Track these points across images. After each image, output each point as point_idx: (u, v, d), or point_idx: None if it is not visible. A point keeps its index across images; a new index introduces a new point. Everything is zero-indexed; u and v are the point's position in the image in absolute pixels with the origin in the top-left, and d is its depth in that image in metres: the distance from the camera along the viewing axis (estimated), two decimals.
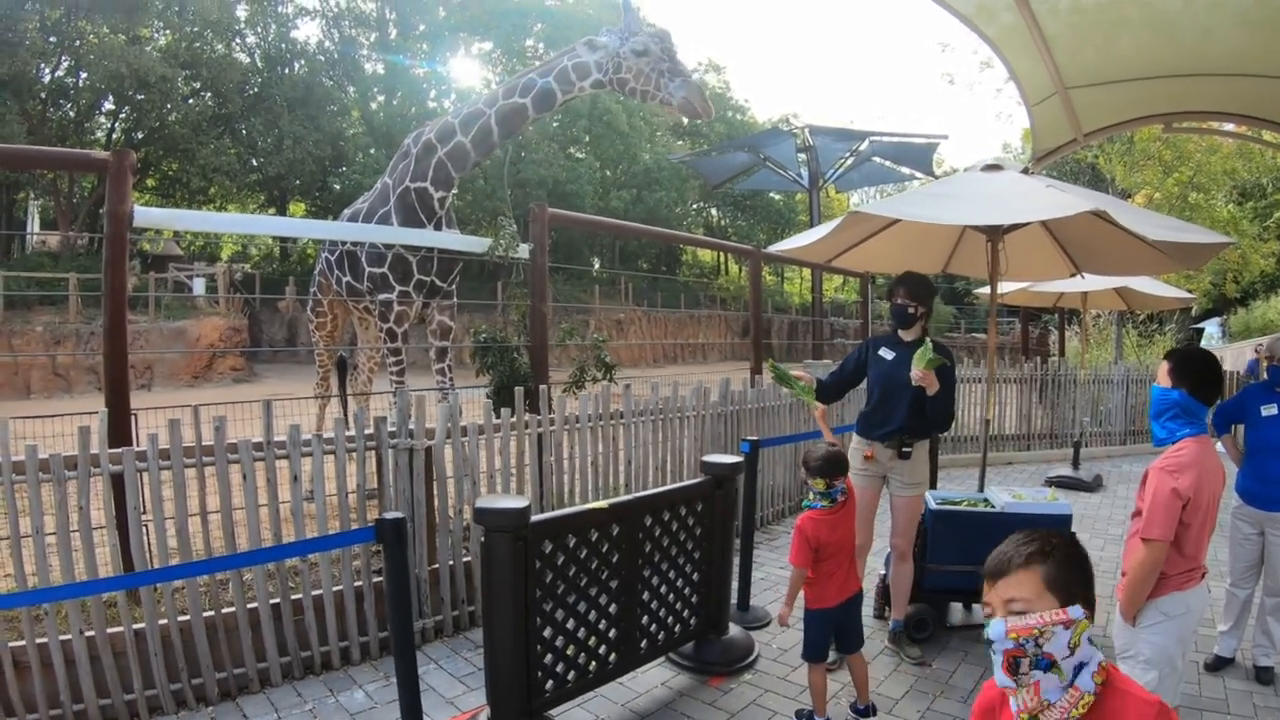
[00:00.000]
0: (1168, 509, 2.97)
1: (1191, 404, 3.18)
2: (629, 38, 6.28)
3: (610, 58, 6.31)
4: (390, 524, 3.44)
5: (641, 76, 6.29)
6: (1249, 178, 22.77)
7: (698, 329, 39.80)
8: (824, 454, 3.92)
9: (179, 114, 33.37)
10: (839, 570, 3.91)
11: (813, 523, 3.82)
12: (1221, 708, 4.27)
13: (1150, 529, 2.98)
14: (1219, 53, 5.18)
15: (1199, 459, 3.07)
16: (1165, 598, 3.07)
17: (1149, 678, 3.03)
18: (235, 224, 8.12)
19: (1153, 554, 2.98)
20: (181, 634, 4.04)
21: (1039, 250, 6.32)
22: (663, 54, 6.29)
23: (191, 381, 24.29)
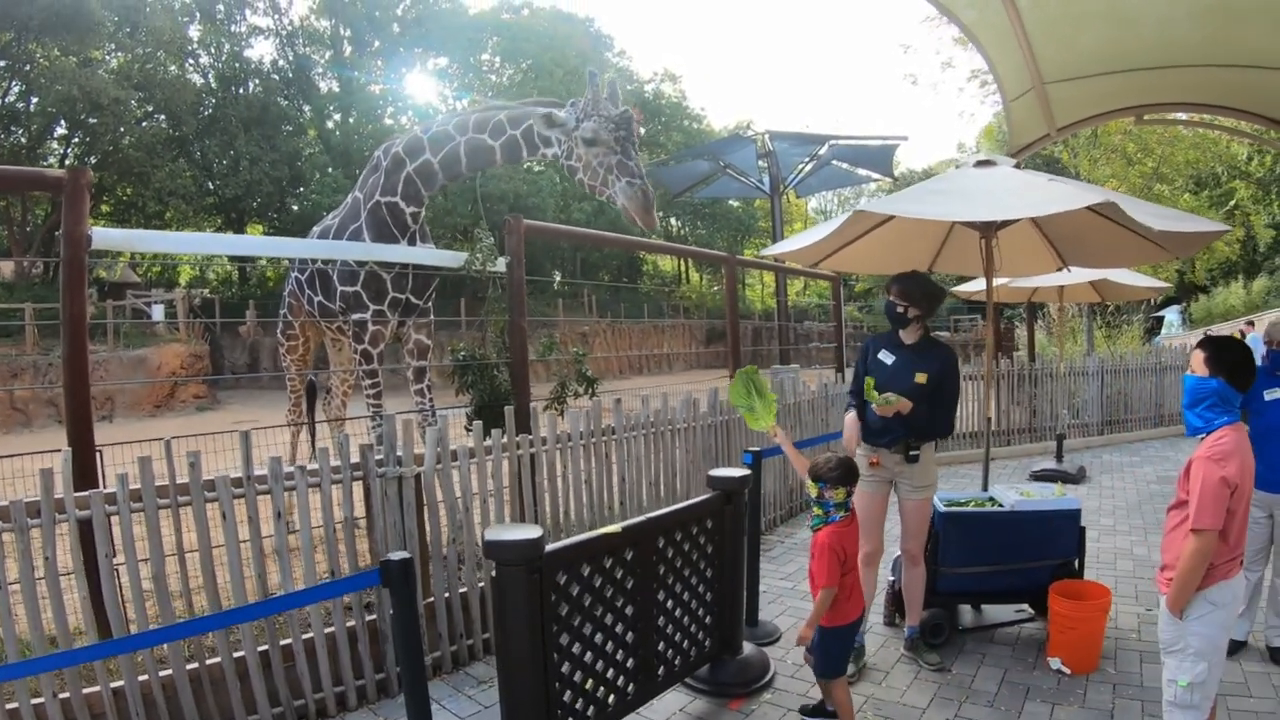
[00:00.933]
0: (1217, 498, 2.94)
1: (1229, 392, 3.16)
2: (581, 119, 5.81)
3: (565, 138, 5.89)
4: (396, 565, 3.21)
5: (589, 169, 5.83)
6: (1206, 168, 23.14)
7: (662, 339, 39.76)
8: (838, 462, 3.78)
9: (133, 137, 32.75)
10: (856, 583, 3.81)
11: (838, 536, 3.69)
12: (1242, 690, 4.26)
13: (1201, 518, 2.95)
14: (1181, 44, 5.24)
15: (1240, 446, 3.06)
16: (1213, 588, 3.06)
17: (1199, 669, 3.05)
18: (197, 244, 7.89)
19: (1204, 543, 2.96)
20: (164, 690, 3.78)
21: (1027, 245, 6.25)
22: (614, 144, 5.77)
23: (154, 411, 23.73)
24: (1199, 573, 3.00)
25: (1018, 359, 13.05)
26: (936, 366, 4.50)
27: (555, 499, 5.43)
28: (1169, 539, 3.23)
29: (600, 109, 5.72)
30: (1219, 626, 3.08)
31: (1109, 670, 4.57)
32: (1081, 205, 4.25)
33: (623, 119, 5.74)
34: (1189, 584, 3.02)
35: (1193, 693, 3.08)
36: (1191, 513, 3.00)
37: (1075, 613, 4.57)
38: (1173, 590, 3.08)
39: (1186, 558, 3.00)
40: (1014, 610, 5.38)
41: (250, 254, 11.51)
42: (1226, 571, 3.07)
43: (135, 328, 26.43)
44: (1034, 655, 4.81)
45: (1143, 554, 6.70)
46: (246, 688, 4.00)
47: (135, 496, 3.73)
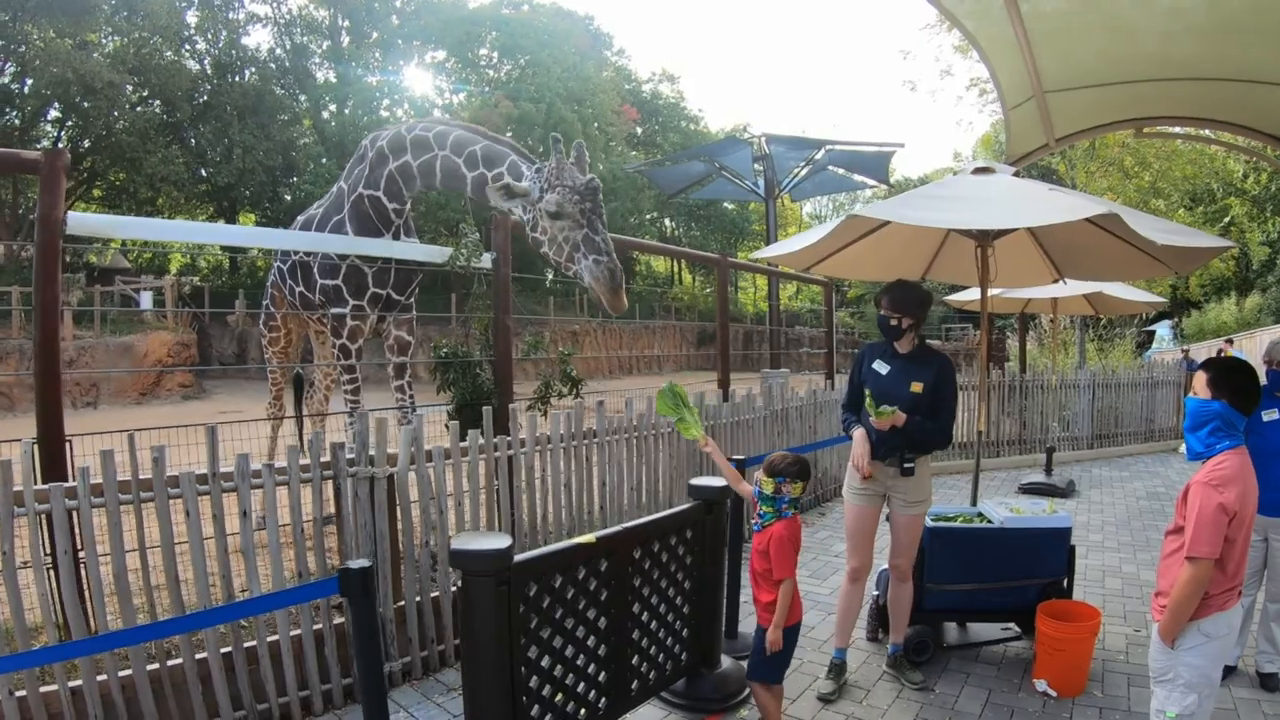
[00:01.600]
0: (1215, 525, 2.84)
1: (1232, 415, 3.05)
2: (545, 189, 5.33)
3: (530, 206, 5.44)
4: (356, 575, 3.06)
5: (554, 244, 5.40)
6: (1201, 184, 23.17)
7: (653, 340, 39.67)
8: (795, 458, 3.80)
9: (126, 121, 32.38)
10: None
11: (793, 530, 3.70)
12: (1231, 717, 4.18)
13: (1197, 546, 2.85)
14: (1181, 57, 5.24)
15: (1241, 472, 2.95)
16: (1207, 619, 2.96)
17: (1188, 701, 2.96)
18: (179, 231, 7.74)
19: (1199, 572, 2.86)
20: (124, 691, 3.62)
21: (1023, 256, 6.18)
22: (580, 217, 5.32)
23: (139, 399, 23.54)
24: (1193, 602, 2.90)
25: (1009, 370, 12.99)
26: (932, 375, 4.38)
27: (533, 503, 5.30)
28: (1165, 564, 3.13)
29: (565, 177, 5.29)
30: (1212, 658, 2.99)
31: (1096, 693, 4.47)
32: (1085, 216, 4.16)
33: (588, 189, 5.33)
34: (1182, 613, 2.93)
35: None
36: (1187, 540, 2.90)
37: (1063, 634, 4.46)
38: (1165, 619, 2.98)
39: (1181, 586, 2.90)
40: (1000, 628, 5.28)
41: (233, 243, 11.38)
42: (1223, 603, 2.97)
43: (123, 314, 26.20)
44: (1019, 676, 4.70)
45: (1131, 572, 6.62)
46: (209, 690, 3.86)
47: (98, 491, 3.58)
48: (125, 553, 3.67)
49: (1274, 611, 4.52)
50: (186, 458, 4.88)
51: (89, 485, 3.55)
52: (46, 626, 3.57)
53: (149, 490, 3.71)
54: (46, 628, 3.57)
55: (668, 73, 56.11)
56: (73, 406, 20.71)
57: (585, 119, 41.93)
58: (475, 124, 6.12)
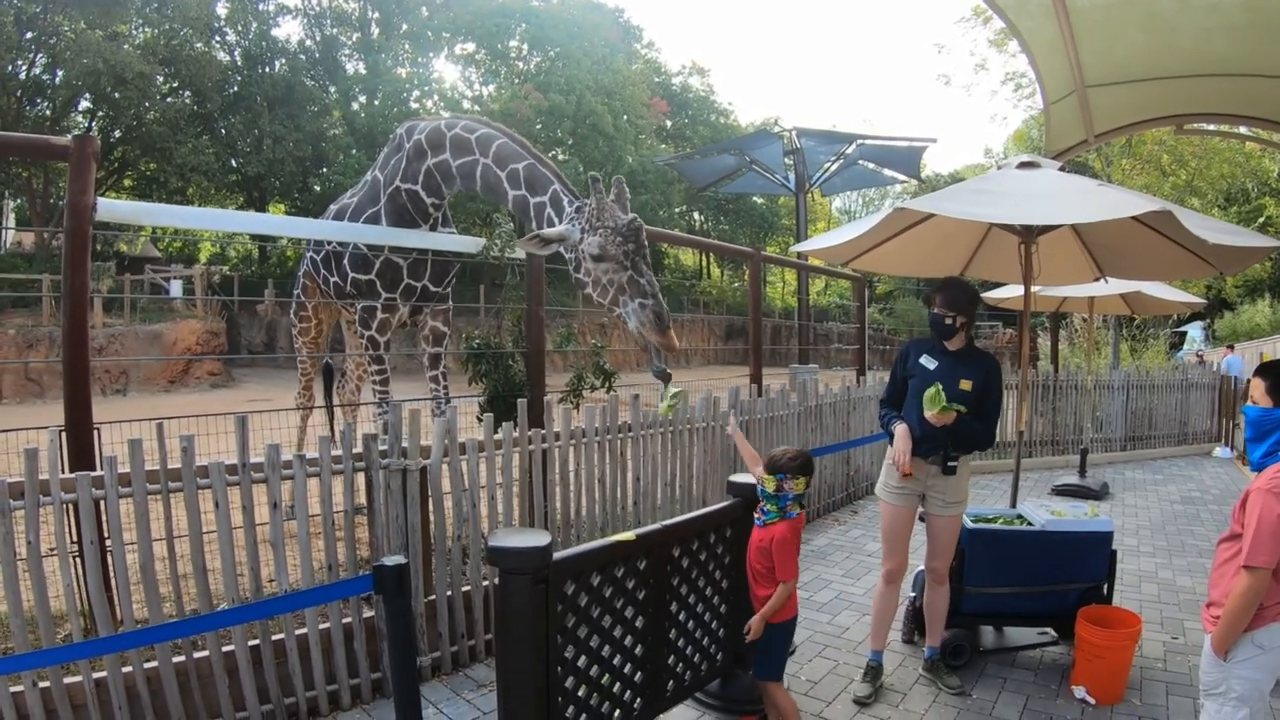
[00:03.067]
0: (1275, 534, 2.74)
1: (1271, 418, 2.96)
2: (587, 231, 5.15)
3: (572, 249, 5.26)
4: (390, 572, 3.00)
5: (598, 286, 5.21)
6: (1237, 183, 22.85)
7: (681, 333, 39.19)
8: (797, 453, 3.78)
9: (157, 112, 32.70)
10: None
11: (797, 530, 3.71)
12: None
13: (1256, 555, 2.75)
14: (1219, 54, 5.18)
15: None
16: (1262, 630, 2.86)
17: (1240, 715, 2.88)
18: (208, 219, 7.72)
19: (1257, 582, 2.77)
20: (149, 683, 3.60)
21: (1065, 253, 6.07)
22: (623, 259, 5.12)
23: (168, 387, 23.75)
24: (1249, 613, 2.81)
25: (1042, 369, 12.83)
26: (981, 374, 4.29)
27: (566, 497, 5.24)
28: (1218, 573, 3.03)
29: (606, 218, 5.12)
30: (1267, 671, 2.89)
31: (1134, 702, 4.37)
32: (1137, 213, 4.04)
33: (631, 229, 5.13)
34: (1237, 624, 2.84)
35: None
36: (1245, 548, 2.80)
37: (1104, 641, 4.36)
38: (1219, 630, 2.90)
39: (1236, 596, 2.81)
40: (1036, 633, 5.18)
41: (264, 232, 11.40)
42: (1278, 614, 2.86)
43: (152, 302, 26.41)
44: (1057, 682, 4.61)
45: (1168, 577, 6.49)
46: (235, 684, 3.83)
47: (125, 481, 3.55)
48: (152, 542, 3.64)
49: None
50: (215, 447, 4.84)
51: (116, 474, 3.52)
52: (71, 616, 3.53)
53: (177, 480, 3.67)
54: (71, 617, 3.54)
55: (698, 66, 55.82)
56: (102, 394, 20.90)
57: (615, 111, 41.89)
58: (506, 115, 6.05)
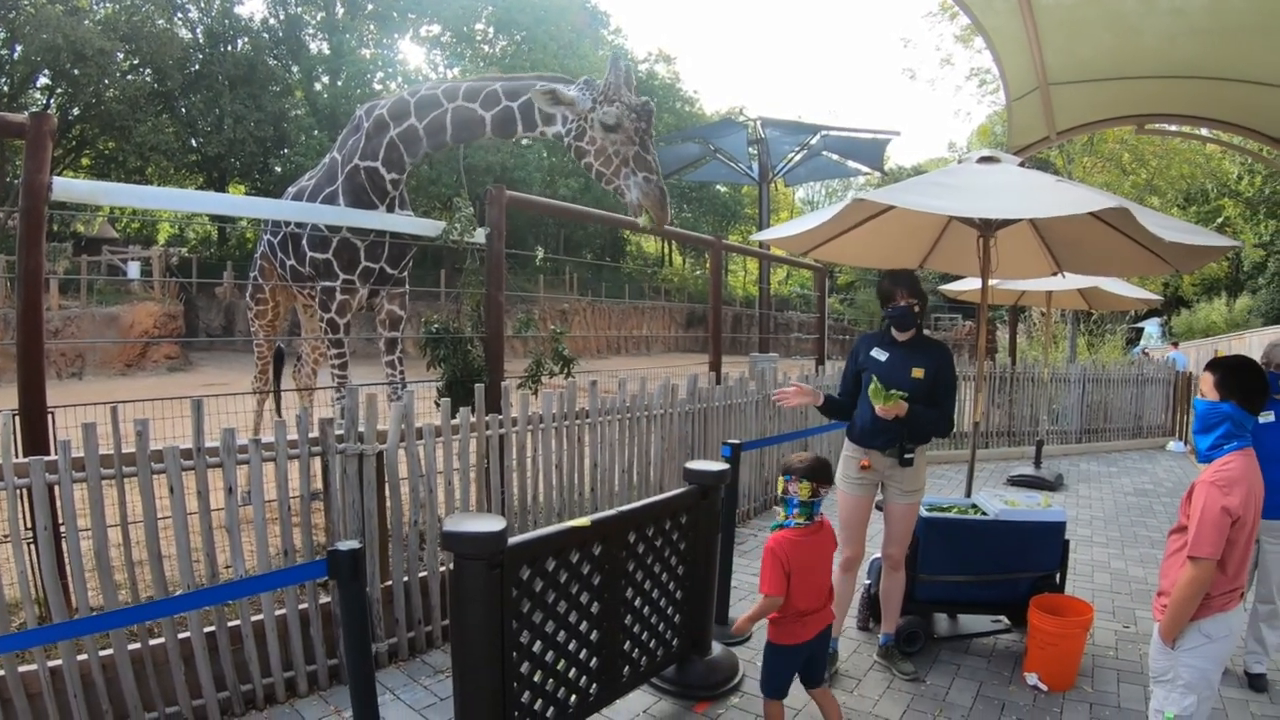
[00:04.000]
0: (1218, 526, 2.82)
1: (1242, 416, 3.01)
2: (602, 102, 5.33)
3: (576, 118, 5.43)
4: (345, 557, 2.97)
5: (603, 156, 5.40)
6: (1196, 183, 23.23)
7: (642, 320, 39.60)
8: (812, 458, 3.61)
9: (116, 90, 32.09)
10: (813, 601, 3.52)
11: (786, 543, 3.47)
12: (1219, 718, 4.15)
13: (1200, 547, 2.83)
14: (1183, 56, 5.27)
15: (1247, 474, 2.92)
16: (1208, 619, 2.94)
17: (1187, 702, 2.95)
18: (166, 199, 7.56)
19: (1201, 572, 2.84)
20: (105, 671, 3.54)
21: (1023, 247, 6.15)
22: (634, 134, 5.35)
23: (125, 370, 23.37)
24: (1194, 602, 2.89)
25: (999, 362, 12.98)
26: (933, 361, 4.34)
27: (524, 483, 5.22)
28: (1168, 564, 3.11)
29: (622, 95, 5.33)
30: (1212, 659, 2.97)
31: (1086, 689, 4.45)
32: (1094, 210, 4.09)
33: (644, 110, 5.37)
34: (1183, 613, 2.91)
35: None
36: (1190, 540, 2.88)
37: (1056, 629, 4.44)
38: (1166, 619, 2.97)
39: (1182, 586, 2.88)
40: (990, 620, 5.26)
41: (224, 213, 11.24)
42: (1224, 604, 2.95)
43: (110, 284, 25.97)
44: (1010, 669, 4.69)
45: (1120, 567, 6.61)
46: (191, 670, 3.78)
47: (79, 465, 3.49)
48: (107, 528, 3.58)
49: (1263, 612, 4.54)
50: (171, 431, 4.78)
51: (70, 459, 3.45)
52: (25, 604, 3.48)
53: (132, 465, 3.62)
54: (25, 605, 3.48)
55: (664, 53, 55.89)
56: (57, 377, 20.56)
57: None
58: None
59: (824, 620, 3.61)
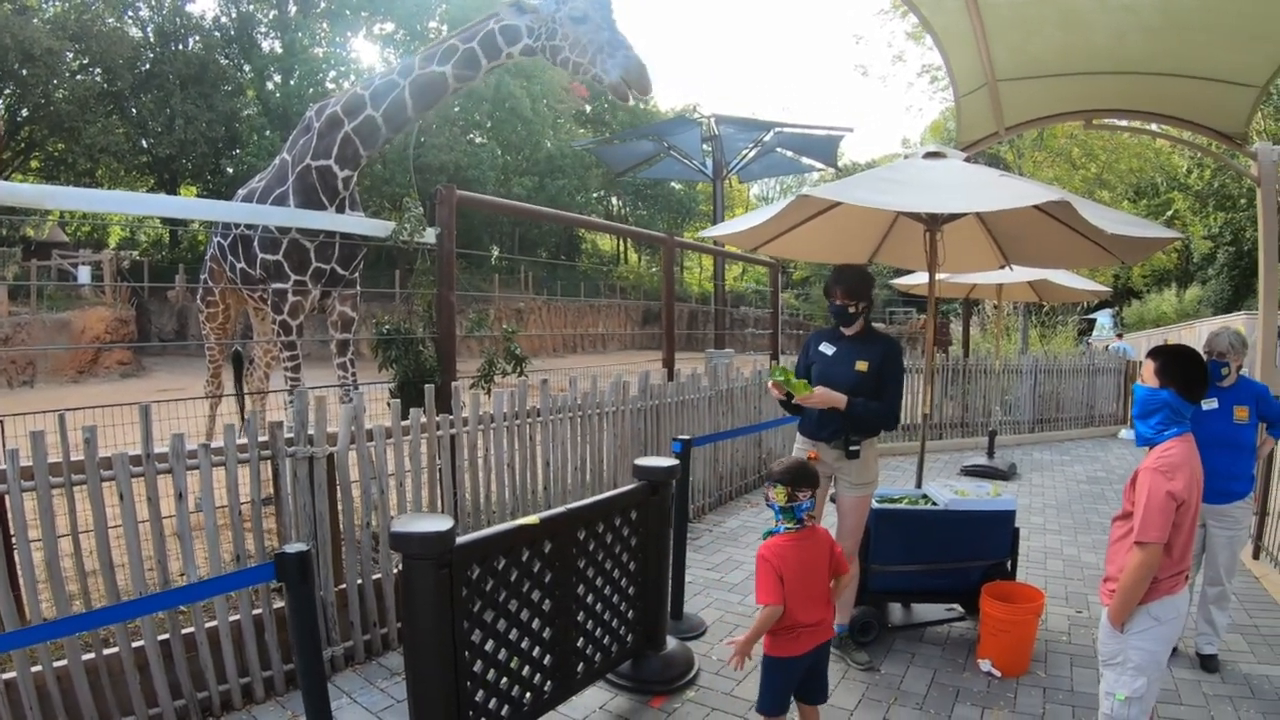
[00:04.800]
0: (1164, 511, 2.88)
1: (1180, 403, 3.08)
2: (564, 2, 5.66)
3: (543, 22, 5.71)
4: (293, 559, 2.96)
5: (578, 47, 5.69)
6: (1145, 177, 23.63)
7: (598, 318, 39.51)
8: (788, 460, 3.49)
9: (66, 90, 31.58)
10: (810, 611, 3.33)
11: (777, 550, 3.28)
12: (1173, 698, 4.25)
13: (1147, 532, 2.89)
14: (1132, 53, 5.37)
15: (1188, 459, 3.00)
16: (1156, 603, 3.01)
17: (1138, 684, 3.01)
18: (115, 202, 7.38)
19: (1149, 556, 2.90)
20: (60, 682, 3.50)
21: (971, 241, 6.22)
22: (602, 22, 5.68)
23: (77, 377, 22.90)
24: (1143, 586, 2.94)
25: (952, 354, 13.14)
26: (878, 355, 4.38)
27: (476, 483, 5.21)
28: (1113, 550, 3.17)
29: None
30: (1161, 641, 3.04)
31: (1039, 673, 4.54)
32: (1036, 203, 4.17)
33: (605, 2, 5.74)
34: (1132, 597, 2.97)
35: (1130, 707, 3.03)
36: (1136, 525, 2.94)
37: (1007, 615, 4.52)
38: (1115, 603, 3.02)
39: (1130, 570, 2.94)
40: (944, 609, 5.33)
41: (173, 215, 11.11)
42: (1171, 586, 3.02)
43: (60, 289, 25.49)
44: (964, 656, 4.76)
45: (1073, 554, 6.73)
46: (146, 679, 3.74)
47: (28, 474, 3.43)
48: (58, 538, 3.53)
49: (1212, 595, 4.62)
50: (124, 438, 4.72)
51: (18, 468, 3.40)
52: None
53: (81, 473, 3.57)
54: None
55: None
56: (8, 385, 20.18)
57: (534, 95, 41.69)
58: None
59: (824, 634, 3.41)
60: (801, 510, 3.35)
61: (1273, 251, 6.08)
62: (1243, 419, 4.48)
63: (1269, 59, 5.16)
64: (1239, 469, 4.48)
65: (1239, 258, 32.77)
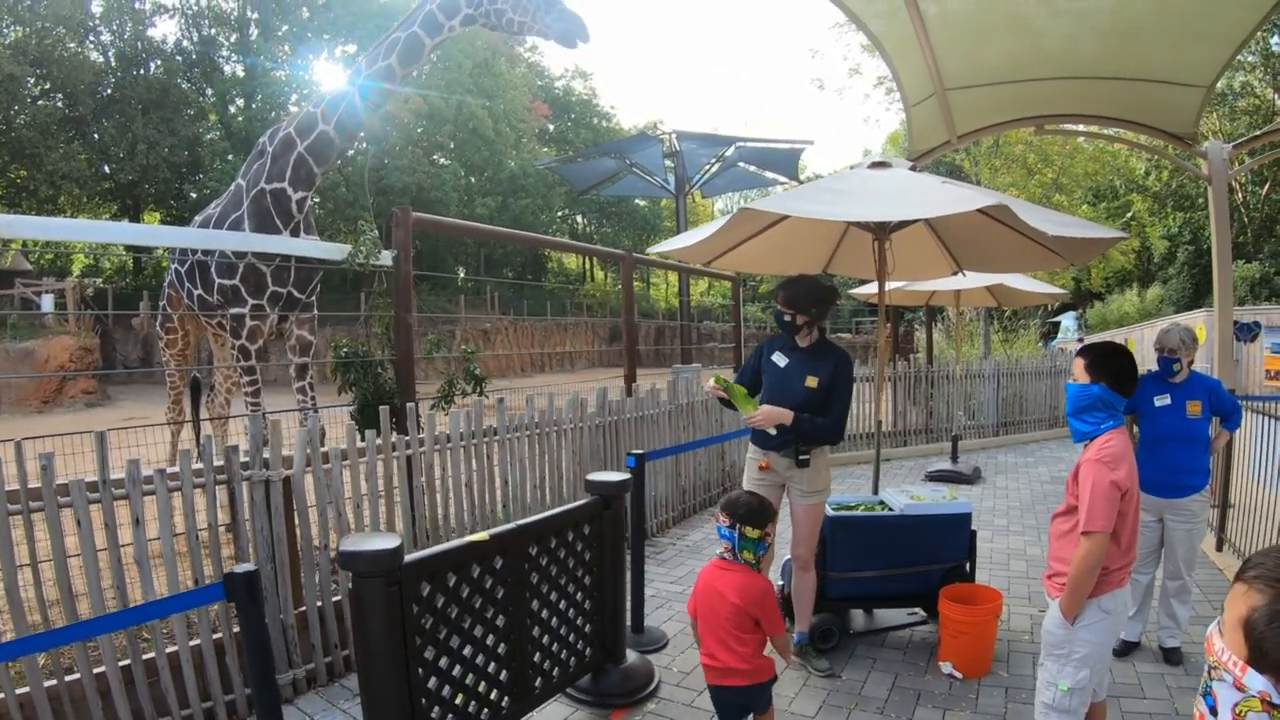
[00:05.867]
0: (1108, 500, 2.96)
1: (1111, 397, 3.18)
2: None
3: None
4: (241, 579, 2.97)
5: (519, 7, 5.97)
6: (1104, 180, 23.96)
7: (564, 337, 39.50)
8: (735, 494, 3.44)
9: (27, 116, 31.34)
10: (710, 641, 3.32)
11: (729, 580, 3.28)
12: (1136, 692, 4.33)
13: (1093, 521, 2.96)
14: (1084, 58, 5.41)
15: (1128, 450, 3.09)
16: (1107, 595, 3.09)
17: (1081, 675, 3.08)
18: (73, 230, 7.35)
19: (1096, 545, 2.96)
20: (23, 710, 3.48)
21: (922, 249, 6.31)
22: None
23: (41, 408, 22.63)
24: (1092, 576, 3.01)
25: (915, 361, 13.27)
26: (829, 369, 4.44)
27: (434, 503, 5.24)
28: (1056, 545, 3.25)
29: None
30: (1109, 634, 3.13)
31: (1001, 674, 4.60)
32: (974, 208, 4.26)
33: None
34: (1083, 587, 3.03)
35: (1071, 697, 3.09)
36: (1082, 516, 3.01)
37: (966, 617, 4.58)
38: (1067, 594, 3.08)
39: (1080, 560, 3.00)
40: (906, 614, 5.39)
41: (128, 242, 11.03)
42: (1120, 579, 3.10)
43: (23, 318, 25.20)
44: (926, 659, 4.82)
45: (1036, 554, 6.81)
46: (109, 705, 3.73)
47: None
48: (17, 567, 3.53)
49: (1173, 589, 4.71)
50: (88, 465, 4.72)
51: None
52: None
53: (39, 500, 3.57)
54: None
55: (580, 70, 55.88)
56: None
57: (496, 115, 41.78)
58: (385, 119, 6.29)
59: (718, 677, 3.32)
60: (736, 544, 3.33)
61: (1226, 248, 6.21)
62: (1196, 413, 4.59)
63: (1213, 59, 5.27)
64: (1194, 463, 4.59)
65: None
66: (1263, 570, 1.33)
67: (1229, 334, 6.22)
